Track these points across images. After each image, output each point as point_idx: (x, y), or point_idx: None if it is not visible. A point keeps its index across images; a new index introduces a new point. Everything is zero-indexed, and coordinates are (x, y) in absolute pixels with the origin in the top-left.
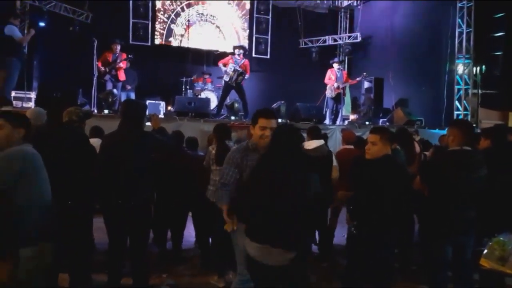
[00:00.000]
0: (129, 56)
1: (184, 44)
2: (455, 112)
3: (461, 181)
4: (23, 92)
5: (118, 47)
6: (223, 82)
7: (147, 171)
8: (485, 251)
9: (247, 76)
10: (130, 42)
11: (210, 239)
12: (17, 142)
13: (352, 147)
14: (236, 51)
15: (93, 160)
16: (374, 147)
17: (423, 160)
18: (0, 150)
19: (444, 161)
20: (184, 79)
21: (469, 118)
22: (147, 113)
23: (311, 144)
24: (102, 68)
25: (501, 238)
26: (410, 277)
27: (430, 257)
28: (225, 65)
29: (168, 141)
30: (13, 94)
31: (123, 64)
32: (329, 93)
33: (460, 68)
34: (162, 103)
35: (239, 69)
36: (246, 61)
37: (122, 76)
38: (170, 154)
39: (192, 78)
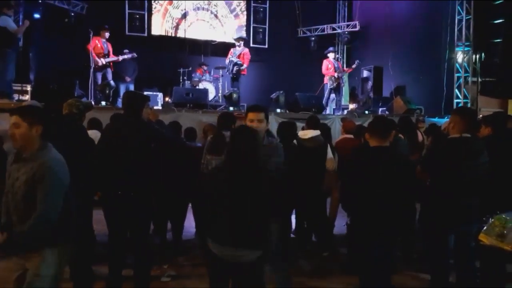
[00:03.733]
0: (127, 50)
1: (181, 35)
2: (455, 100)
3: (462, 169)
4: (19, 84)
5: (107, 34)
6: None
7: (146, 162)
8: (485, 227)
9: (244, 66)
10: (127, 33)
11: None
12: (36, 141)
13: (351, 136)
14: (236, 42)
15: (92, 152)
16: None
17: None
18: (20, 150)
19: (444, 148)
20: (181, 70)
21: (468, 106)
22: (149, 104)
23: (306, 134)
24: (100, 62)
25: (503, 216)
26: (412, 266)
27: (432, 246)
28: (227, 58)
29: (167, 133)
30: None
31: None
32: (330, 83)
33: (459, 56)
34: (160, 94)
35: (233, 59)
36: (244, 51)
37: (112, 66)
38: (168, 145)
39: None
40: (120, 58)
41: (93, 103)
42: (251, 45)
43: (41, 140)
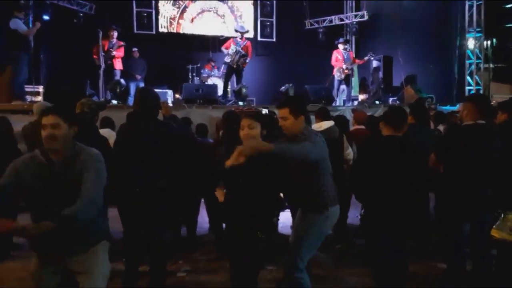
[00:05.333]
0: (123, 43)
1: (189, 31)
2: (467, 88)
3: (476, 155)
4: (31, 86)
5: (115, 34)
6: (224, 65)
7: (163, 159)
8: (498, 222)
9: (249, 59)
10: (135, 31)
11: (224, 224)
12: (71, 142)
13: (363, 127)
14: (239, 34)
15: (104, 150)
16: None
17: (438, 137)
18: (54, 152)
19: (458, 136)
20: (190, 66)
21: (481, 93)
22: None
23: (321, 126)
24: (96, 58)
25: None
26: (427, 255)
27: (447, 235)
28: (226, 48)
29: (183, 129)
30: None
31: (117, 52)
32: (338, 75)
33: (470, 42)
34: (170, 92)
35: (241, 51)
36: (248, 43)
37: (118, 65)
38: (183, 141)
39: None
40: (114, 53)
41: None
42: (259, 39)
43: (74, 141)
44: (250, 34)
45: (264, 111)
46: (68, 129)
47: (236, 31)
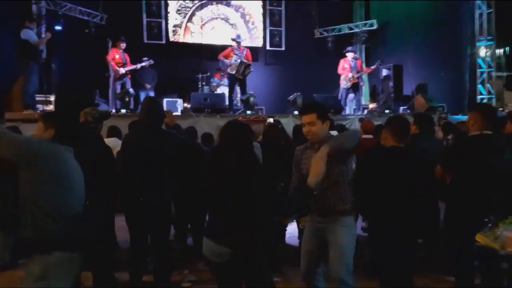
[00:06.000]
0: (145, 58)
1: (199, 40)
2: (479, 97)
3: (483, 166)
4: (43, 95)
5: (123, 45)
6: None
7: (168, 169)
8: (486, 228)
9: (252, 68)
10: (145, 41)
11: None
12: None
13: (371, 136)
14: (234, 43)
15: (109, 160)
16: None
17: (444, 147)
18: None
19: (464, 147)
20: (200, 75)
21: (494, 102)
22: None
23: None
24: (120, 71)
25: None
26: (436, 267)
27: (456, 246)
28: (226, 57)
29: (187, 139)
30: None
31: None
32: (344, 84)
33: (482, 51)
34: (180, 100)
35: (245, 61)
36: (247, 51)
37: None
38: (189, 151)
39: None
40: (139, 66)
41: (113, 111)
42: (268, 48)
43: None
44: (259, 43)
45: (269, 120)
46: (43, 129)
47: (233, 40)
